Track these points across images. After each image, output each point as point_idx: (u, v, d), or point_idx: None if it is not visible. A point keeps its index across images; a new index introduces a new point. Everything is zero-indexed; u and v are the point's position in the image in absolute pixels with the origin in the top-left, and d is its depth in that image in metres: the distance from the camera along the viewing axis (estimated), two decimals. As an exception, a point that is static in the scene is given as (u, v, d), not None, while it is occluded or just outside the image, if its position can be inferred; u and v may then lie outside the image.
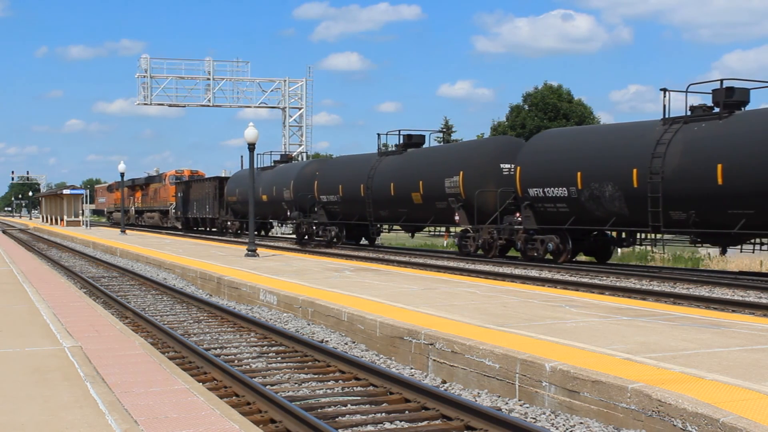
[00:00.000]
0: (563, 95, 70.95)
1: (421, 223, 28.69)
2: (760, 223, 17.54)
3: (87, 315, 11.63)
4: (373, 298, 13.12)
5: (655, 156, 19.28)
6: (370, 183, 30.03)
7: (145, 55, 58.77)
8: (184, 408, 6.25)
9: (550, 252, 22.78)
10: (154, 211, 61.94)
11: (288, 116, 61.00)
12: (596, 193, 21.03)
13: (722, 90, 18.93)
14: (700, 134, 18.81)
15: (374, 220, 30.96)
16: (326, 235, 33.57)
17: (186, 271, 20.88)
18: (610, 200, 20.72)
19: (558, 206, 22.36)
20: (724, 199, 17.86)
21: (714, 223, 18.53)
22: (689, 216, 18.83)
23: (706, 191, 18.18)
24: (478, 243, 25.32)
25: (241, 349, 10.86)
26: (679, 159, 18.88)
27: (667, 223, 19.47)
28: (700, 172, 18.32)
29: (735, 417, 5.82)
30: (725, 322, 10.58)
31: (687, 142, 18.91)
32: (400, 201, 28.40)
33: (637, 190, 19.79)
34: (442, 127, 78.80)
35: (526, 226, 23.36)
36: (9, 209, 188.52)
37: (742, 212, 17.65)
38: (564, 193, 21.98)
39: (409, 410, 7.62)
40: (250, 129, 24.83)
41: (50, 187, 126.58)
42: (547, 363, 7.65)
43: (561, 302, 12.67)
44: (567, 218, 22.26)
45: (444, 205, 26.28)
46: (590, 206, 21.37)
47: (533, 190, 22.93)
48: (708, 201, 18.31)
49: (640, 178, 19.67)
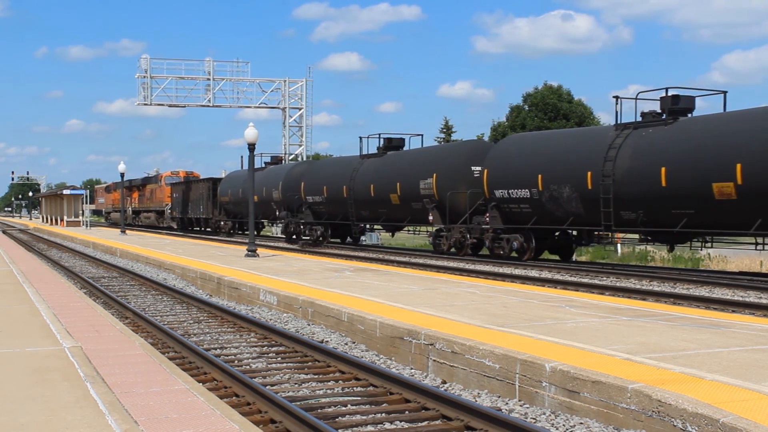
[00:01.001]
0: (563, 95, 70.90)
1: (399, 223, 30.02)
2: (699, 223, 18.76)
3: (87, 315, 11.63)
4: (373, 298, 13.12)
5: (607, 159, 20.50)
6: (352, 184, 31.26)
7: (145, 56, 58.79)
8: (184, 408, 6.25)
9: (516, 250, 23.92)
10: (151, 212, 62.66)
11: (288, 116, 61.00)
12: (555, 195, 22.22)
13: (668, 98, 20.22)
14: (648, 139, 20.03)
15: (356, 220, 32.24)
16: (312, 234, 34.81)
17: (186, 272, 20.88)
18: (568, 201, 21.90)
19: (522, 207, 23.57)
20: (668, 199, 19.07)
21: (660, 223, 19.65)
22: (638, 216, 20.02)
23: (652, 192, 19.38)
24: (450, 242, 26.44)
25: (241, 350, 10.86)
26: (628, 162, 20.08)
27: (618, 223, 20.64)
28: (646, 174, 19.50)
29: (735, 417, 5.83)
30: (725, 322, 10.58)
31: (636, 147, 20.14)
32: (380, 201, 29.66)
33: (591, 192, 20.97)
34: (442, 128, 78.83)
35: (493, 226, 24.55)
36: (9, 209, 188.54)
37: (683, 212, 18.86)
38: (527, 194, 23.19)
39: (409, 410, 7.62)
40: (250, 129, 24.84)
41: (50, 188, 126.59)
42: (547, 363, 7.65)
43: (561, 302, 12.67)
44: (530, 218, 23.43)
45: (419, 206, 27.45)
46: (550, 207, 22.53)
47: (499, 192, 24.15)
48: (654, 201, 19.48)
49: (593, 180, 20.86)
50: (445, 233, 26.72)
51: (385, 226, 31.78)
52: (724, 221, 18.38)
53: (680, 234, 19.65)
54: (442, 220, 26.46)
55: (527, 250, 23.67)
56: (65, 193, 70.79)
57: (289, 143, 60.85)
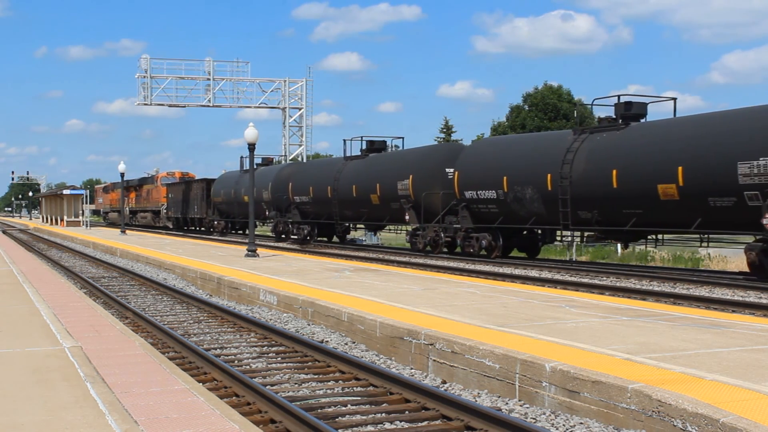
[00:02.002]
0: (563, 95, 70.86)
1: (379, 222, 31.70)
2: (647, 222, 20.15)
3: (87, 315, 11.63)
4: (373, 298, 13.12)
5: (564, 162, 21.87)
6: (337, 185, 32.77)
7: (145, 56, 58.84)
8: (184, 408, 6.25)
9: (484, 248, 25.29)
10: (147, 212, 63.58)
11: (288, 116, 61.02)
12: (519, 196, 23.70)
13: (621, 104, 21.78)
14: (601, 143, 21.46)
15: (340, 219, 33.86)
16: (300, 233, 36.52)
17: (186, 272, 20.88)
18: (531, 201, 23.35)
19: (489, 207, 25.07)
20: (619, 200, 20.44)
21: (613, 222, 21.10)
22: (593, 215, 21.44)
23: (605, 193, 20.80)
24: (425, 240, 27.79)
25: (241, 350, 10.85)
26: (584, 165, 21.46)
27: (576, 222, 22.09)
28: (599, 176, 20.92)
29: (735, 417, 5.82)
30: (725, 322, 10.58)
31: (590, 150, 21.53)
32: (362, 202, 31.14)
33: (551, 193, 22.37)
34: (443, 128, 78.79)
35: (463, 225, 25.99)
36: (9, 209, 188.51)
37: (633, 212, 20.23)
38: (494, 195, 24.68)
39: (409, 410, 7.62)
40: (250, 129, 24.83)
41: (50, 188, 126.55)
42: (547, 363, 7.65)
43: (561, 302, 12.67)
44: (497, 218, 24.92)
45: (397, 206, 28.85)
46: (515, 207, 24.05)
47: (469, 193, 25.62)
48: (606, 202, 20.91)
49: (553, 182, 22.24)
50: (421, 232, 27.98)
51: (367, 225, 33.34)
52: (669, 220, 19.65)
53: (631, 232, 20.99)
54: (418, 220, 27.83)
55: (495, 248, 25.03)
56: (65, 193, 70.84)
57: (289, 143, 60.88)
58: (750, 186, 17.24)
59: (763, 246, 17.49)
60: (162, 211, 59.38)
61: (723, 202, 17.94)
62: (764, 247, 17.45)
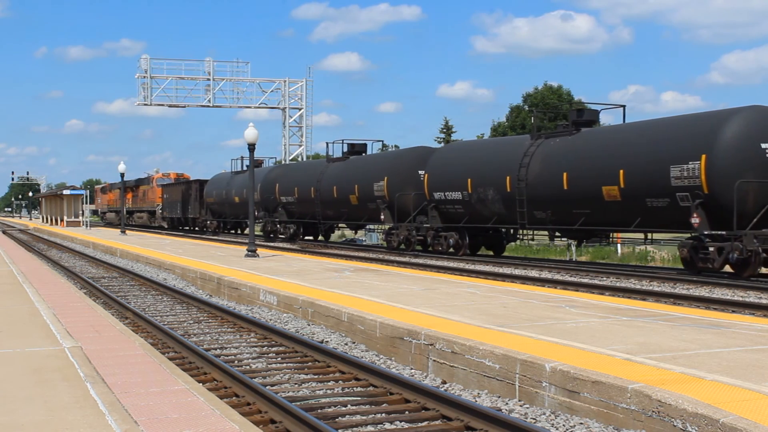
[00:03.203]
0: (563, 95, 70.85)
1: (358, 221, 33.64)
2: (594, 221, 21.80)
3: (87, 315, 11.63)
4: (373, 298, 13.11)
5: (522, 165, 23.60)
6: (319, 186, 34.62)
7: (145, 56, 58.85)
8: (184, 408, 6.25)
9: (452, 246, 26.83)
10: (143, 212, 65.16)
11: (288, 117, 61.02)
12: (482, 197, 25.42)
13: (574, 111, 23.76)
14: (554, 148, 23.10)
15: (322, 219, 35.67)
16: (287, 231, 38.51)
17: (186, 272, 20.88)
18: (492, 202, 25.10)
19: (456, 207, 26.74)
20: (569, 201, 22.11)
21: (564, 221, 22.69)
22: (547, 215, 23.12)
23: (557, 195, 22.43)
24: (399, 239, 29.46)
25: (241, 350, 10.85)
26: (538, 168, 23.13)
27: (532, 221, 23.84)
28: (552, 179, 22.54)
29: (735, 417, 5.82)
30: (725, 322, 10.58)
31: (545, 155, 23.17)
32: (342, 202, 32.92)
33: (510, 194, 24.13)
34: (442, 128, 78.78)
35: (433, 225, 27.68)
36: (9, 210, 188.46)
37: (581, 212, 21.86)
38: (459, 196, 26.33)
39: (409, 410, 7.62)
40: (250, 129, 24.84)
41: (50, 188, 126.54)
42: (547, 363, 7.65)
43: (561, 302, 12.67)
44: (463, 217, 26.64)
45: (374, 206, 30.57)
46: (478, 207, 25.79)
47: (437, 194, 27.36)
48: (559, 202, 22.54)
49: (512, 184, 24.00)
50: (395, 231, 29.74)
51: (347, 224, 35.45)
52: (613, 220, 21.37)
53: (581, 231, 22.75)
54: (392, 219, 29.59)
55: (462, 247, 26.64)
56: (65, 193, 70.87)
57: (289, 143, 60.90)
58: (681, 188, 18.87)
59: (693, 243, 18.98)
60: (157, 211, 60.81)
61: (658, 202, 19.54)
62: (694, 244, 18.93)
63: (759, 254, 17.71)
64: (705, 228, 18.45)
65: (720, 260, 18.30)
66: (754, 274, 18.11)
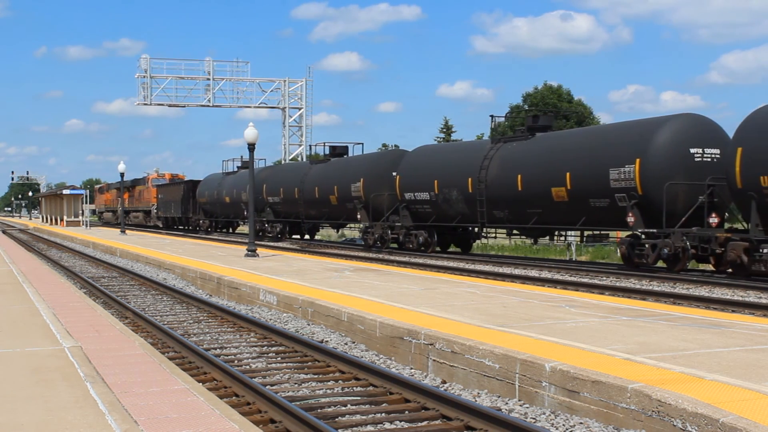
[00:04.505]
0: (563, 95, 70.81)
1: (337, 221, 35.35)
2: (546, 220, 23.42)
3: (87, 315, 11.63)
4: (373, 298, 13.12)
5: (482, 168, 25.29)
6: (303, 186, 36.22)
7: (145, 56, 58.83)
8: (184, 408, 6.25)
9: (422, 244, 28.32)
10: (139, 212, 66.99)
11: (288, 116, 61.00)
12: (447, 197, 27.06)
13: (530, 117, 25.68)
14: (511, 151, 24.80)
15: (305, 218, 37.55)
16: (273, 230, 40.15)
17: (186, 271, 20.88)
18: (456, 202, 26.74)
19: (424, 207, 28.45)
20: (524, 201, 23.74)
21: (520, 220, 24.38)
22: (505, 214, 24.84)
23: (513, 195, 24.10)
24: (375, 237, 30.89)
25: (241, 349, 10.85)
26: (497, 170, 24.83)
27: (491, 220, 25.66)
28: (508, 180, 24.20)
29: (735, 417, 5.83)
30: (725, 322, 10.58)
31: (502, 158, 24.89)
32: (323, 202, 34.58)
33: (471, 194, 25.80)
34: (442, 128, 78.78)
35: (404, 223, 29.33)
36: (9, 209, 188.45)
37: (534, 211, 23.46)
38: (427, 196, 28.02)
39: (409, 410, 7.62)
40: (250, 129, 24.82)
41: (50, 187, 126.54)
42: (547, 363, 7.65)
43: (561, 302, 12.67)
44: (431, 216, 28.39)
45: (351, 206, 32.07)
46: (444, 207, 27.43)
47: (408, 194, 29.05)
48: (514, 202, 24.20)
49: (473, 185, 25.64)
50: (371, 230, 31.20)
51: (328, 223, 37.31)
52: (562, 218, 22.85)
53: (534, 229, 24.43)
54: (368, 219, 31.15)
55: (431, 244, 28.25)
56: (65, 193, 70.94)
57: (288, 143, 60.89)
58: (619, 189, 20.38)
59: (630, 240, 20.60)
60: (152, 210, 62.56)
61: (600, 202, 21.13)
62: (632, 242, 20.54)
63: (687, 250, 19.00)
64: (640, 226, 20.07)
65: (653, 256, 19.80)
66: (684, 268, 19.63)
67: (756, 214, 17.63)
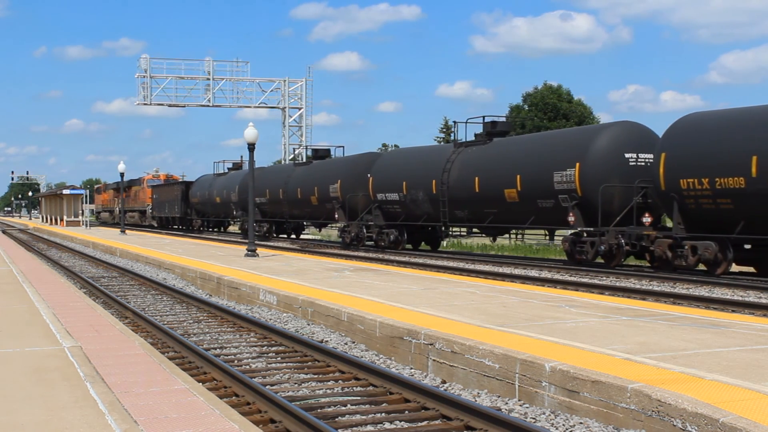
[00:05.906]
0: (563, 95, 70.84)
1: (318, 220, 37.11)
2: (501, 219, 25.11)
3: (87, 315, 11.63)
4: (373, 298, 13.12)
5: (444, 170, 27.01)
6: (287, 188, 38.03)
7: (145, 55, 58.84)
8: (184, 408, 6.25)
9: (392, 242, 29.99)
10: (135, 211, 68.20)
11: (288, 116, 61.01)
12: (414, 197, 28.82)
13: (488, 123, 26.93)
14: (471, 155, 26.44)
15: (289, 218, 39.39)
16: (260, 230, 41.40)
17: (186, 271, 20.88)
18: (422, 202, 28.48)
19: (395, 207, 30.12)
20: (481, 201, 25.40)
21: (478, 219, 26.06)
22: (465, 214, 26.47)
23: (471, 196, 25.73)
24: (351, 236, 32.35)
25: (241, 349, 10.86)
26: (457, 173, 26.45)
27: (453, 219, 27.26)
28: (468, 182, 25.83)
29: (735, 417, 5.83)
30: (725, 322, 10.58)
31: (462, 161, 26.57)
32: (305, 202, 36.40)
33: (435, 195, 27.48)
34: (442, 128, 78.80)
35: (376, 223, 30.95)
36: (9, 209, 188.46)
37: (490, 211, 25.19)
38: (397, 197, 29.68)
39: (408, 410, 7.62)
40: (250, 129, 24.82)
41: (50, 187, 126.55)
42: (546, 363, 7.65)
43: (561, 302, 12.67)
44: (400, 216, 30.14)
45: (330, 206, 33.80)
46: (412, 207, 29.17)
47: (380, 195, 30.60)
48: (473, 203, 25.83)
49: (437, 187, 27.29)
50: (348, 229, 32.69)
51: (310, 222, 39.34)
52: (514, 218, 24.54)
53: (490, 227, 26.19)
54: (345, 218, 32.64)
55: (401, 242, 30.00)
56: (65, 192, 70.92)
57: (288, 143, 60.90)
58: (562, 191, 21.93)
59: (573, 238, 22.46)
60: (148, 211, 64.17)
61: (547, 203, 22.69)
62: (574, 239, 22.35)
63: (622, 246, 20.76)
64: (580, 225, 21.79)
65: (592, 252, 21.51)
66: (619, 263, 21.42)
67: (678, 214, 19.24)
